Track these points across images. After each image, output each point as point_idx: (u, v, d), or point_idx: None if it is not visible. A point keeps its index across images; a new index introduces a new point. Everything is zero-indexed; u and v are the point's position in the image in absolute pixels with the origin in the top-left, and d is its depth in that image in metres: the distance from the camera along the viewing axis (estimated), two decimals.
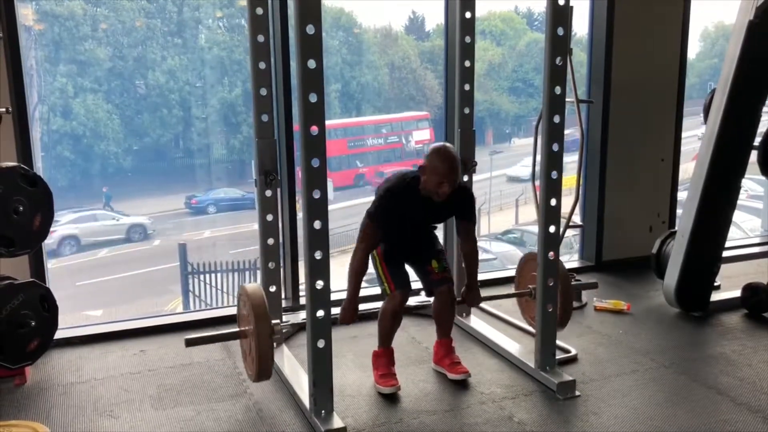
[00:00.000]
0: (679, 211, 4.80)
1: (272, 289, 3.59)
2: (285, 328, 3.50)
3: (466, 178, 3.69)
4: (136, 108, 13.14)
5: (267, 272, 3.58)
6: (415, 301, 4.12)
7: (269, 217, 3.52)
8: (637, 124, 4.97)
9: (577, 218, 4.60)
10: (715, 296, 4.25)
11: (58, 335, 3.35)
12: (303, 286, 2.90)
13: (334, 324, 2.85)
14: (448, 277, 3.30)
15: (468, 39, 3.67)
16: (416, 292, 4.18)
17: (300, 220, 3.37)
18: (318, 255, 2.64)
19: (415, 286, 3.35)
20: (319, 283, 2.67)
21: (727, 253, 4.54)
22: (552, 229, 3.12)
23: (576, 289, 4.00)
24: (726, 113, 3.90)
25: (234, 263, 10.15)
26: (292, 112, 3.99)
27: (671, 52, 5.00)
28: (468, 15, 3.65)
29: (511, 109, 17.73)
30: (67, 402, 3.09)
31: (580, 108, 4.20)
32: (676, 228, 4.31)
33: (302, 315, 3.82)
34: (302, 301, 3.91)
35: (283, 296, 3.95)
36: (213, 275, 10.11)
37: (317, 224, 2.61)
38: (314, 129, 2.53)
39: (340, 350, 3.49)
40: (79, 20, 12.15)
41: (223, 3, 13.36)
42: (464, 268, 3.37)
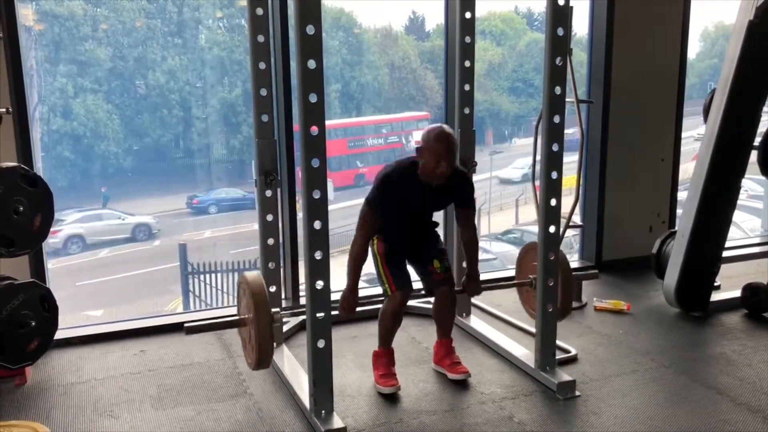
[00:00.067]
0: (679, 211, 4.80)
1: (272, 289, 3.59)
2: (285, 317, 3.48)
3: None
4: (136, 108, 13.13)
5: (267, 272, 3.58)
6: (415, 301, 4.12)
7: (269, 218, 3.52)
8: (637, 124, 4.97)
9: (577, 218, 4.60)
10: (715, 296, 4.26)
11: (58, 335, 3.35)
12: (303, 286, 2.90)
13: (334, 325, 2.85)
14: (450, 278, 3.30)
15: (468, 39, 3.68)
16: (417, 293, 4.20)
17: (300, 220, 3.37)
18: (318, 255, 2.65)
19: (416, 286, 3.34)
20: (319, 284, 2.68)
21: (727, 253, 4.54)
22: (552, 229, 3.12)
23: (577, 279, 3.96)
24: (726, 113, 3.90)
25: (234, 263, 10.15)
26: (292, 113, 4.00)
27: (671, 52, 5.00)
28: (468, 15, 3.66)
29: (511, 109, 17.73)
30: (67, 402, 3.10)
31: (580, 108, 4.21)
32: (676, 228, 4.31)
33: (302, 315, 3.82)
34: (302, 301, 3.90)
35: (283, 296, 3.96)
36: (213, 275, 10.10)
37: (317, 224, 2.62)
38: (314, 129, 2.54)
39: (340, 350, 3.49)
40: (80, 20, 12.15)
41: (223, 3, 13.35)
42: (464, 257, 3.36)
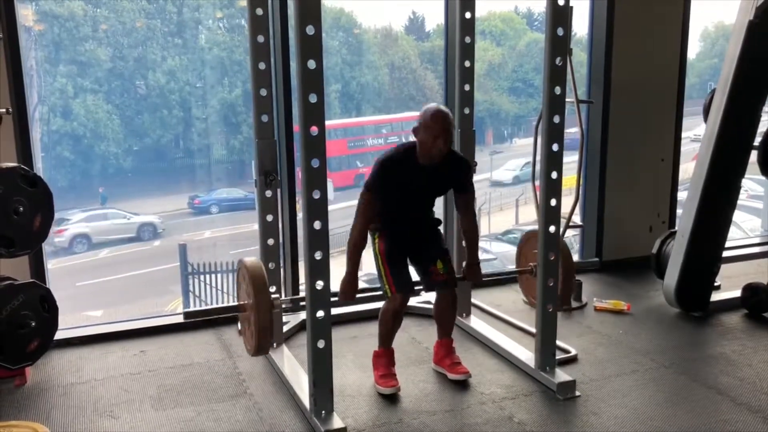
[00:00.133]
0: (679, 211, 4.80)
1: (272, 289, 3.59)
2: (284, 303, 3.48)
3: None
4: (136, 108, 13.14)
5: (267, 272, 3.57)
6: (416, 301, 4.13)
7: (269, 218, 3.52)
8: (637, 124, 4.97)
9: (577, 218, 4.60)
10: (715, 296, 4.25)
11: (58, 336, 3.36)
12: (303, 286, 2.90)
13: (334, 325, 2.85)
14: (453, 279, 3.28)
15: (468, 39, 3.67)
16: (417, 293, 4.20)
17: (300, 220, 3.37)
18: (318, 255, 2.64)
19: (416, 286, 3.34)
20: (319, 284, 2.68)
21: (727, 253, 4.54)
22: (552, 229, 3.12)
23: (577, 267, 3.95)
24: (726, 113, 3.90)
25: (234, 264, 10.14)
26: (292, 113, 3.99)
27: (671, 52, 5.00)
28: (468, 15, 3.66)
29: (511, 110, 17.74)
30: (67, 402, 3.10)
31: (580, 108, 4.21)
32: (676, 228, 4.30)
33: (302, 315, 3.82)
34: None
35: (283, 296, 3.95)
36: (213, 276, 10.10)
37: (317, 224, 2.61)
38: (314, 129, 2.54)
39: (340, 350, 3.48)
40: (80, 21, 12.16)
41: (223, 3, 13.36)
42: (464, 244, 3.34)
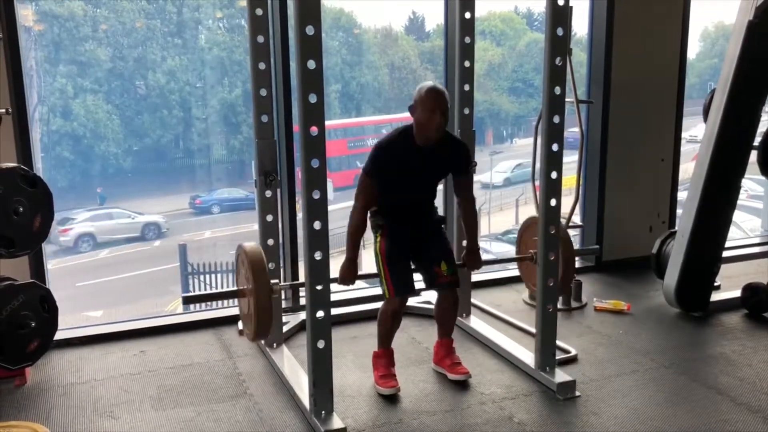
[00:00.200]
0: (679, 211, 4.80)
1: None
2: (284, 288, 3.48)
3: None
4: (136, 109, 13.13)
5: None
6: (416, 301, 4.13)
7: (269, 218, 3.52)
8: (637, 124, 4.97)
9: (577, 218, 4.60)
10: (715, 296, 4.25)
11: (58, 336, 3.36)
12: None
13: (334, 325, 2.85)
14: (456, 280, 3.26)
15: (468, 39, 3.67)
16: (416, 294, 4.19)
17: (300, 220, 3.37)
18: (318, 256, 2.64)
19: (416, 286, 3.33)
20: (319, 284, 2.67)
21: (727, 253, 4.54)
22: (552, 229, 3.12)
23: (578, 255, 3.94)
24: (726, 113, 3.90)
25: (234, 264, 10.13)
26: (291, 113, 3.99)
27: (671, 52, 5.00)
28: (468, 15, 3.66)
29: (511, 110, 17.72)
30: (67, 403, 3.10)
31: (580, 108, 4.21)
32: (676, 228, 4.31)
33: (302, 315, 3.82)
34: (302, 301, 3.90)
35: (283, 297, 3.96)
36: (213, 276, 10.10)
37: (317, 225, 2.61)
38: (314, 129, 2.54)
39: (340, 351, 3.48)
40: (80, 21, 12.15)
41: (223, 3, 13.35)
42: (464, 230, 3.33)
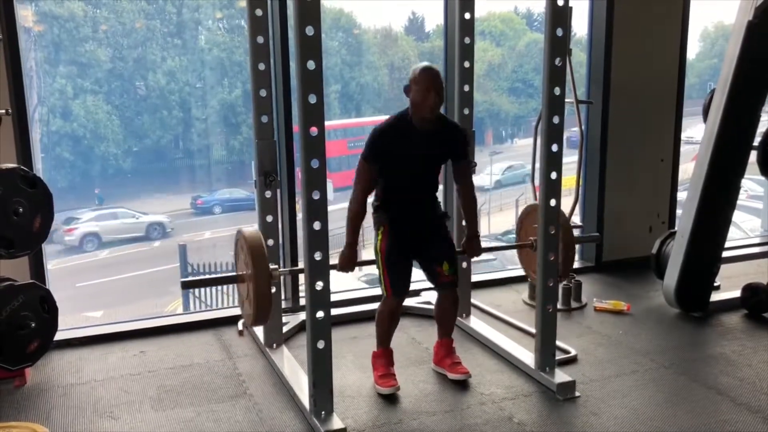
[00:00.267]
0: (679, 211, 4.80)
1: (272, 290, 3.58)
2: (283, 274, 3.50)
3: None
4: (136, 109, 13.13)
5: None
6: (415, 302, 4.13)
7: (269, 218, 3.52)
8: (637, 124, 4.97)
9: (576, 219, 4.61)
10: (715, 296, 4.25)
11: (58, 336, 3.36)
12: (303, 287, 2.90)
13: (334, 325, 2.85)
14: (457, 279, 3.27)
15: (467, 40, 3.68)
16: (417, 293, 4.20)
17: (300, 221, 3.37)
18: (318, 256, 2.64)
19: (413, 287, 3.33)
20: (319, 284, 2.67)
21: (727, 254, 4.54)
22: (552, 229, 3.12)
23: (578, 242, 3.93)
24: (725, 113, 3.90)
25: (234, 264, 10.12)
26: (291, 113, 4.00)
27: (671, 52, 5.00)
28: (467, 16, 3.66)
29: (510, 110, 17.72)
30: (67, 403, 3.10)
31: (580, 108, 4.21)
32: (676, 228, 4.31)
33: (302, 316, 3.82)
34: (302, 302, 3.91)
35: (283, 297, 3.96)
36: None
37: (317, 225, 2.62)
38: (314, 130, 2.54)
39: (340, 351, 3.48)
40: (80, 22, 12.15)
41: (223, 4, 13.35)
42: (463, 217, 3.32)
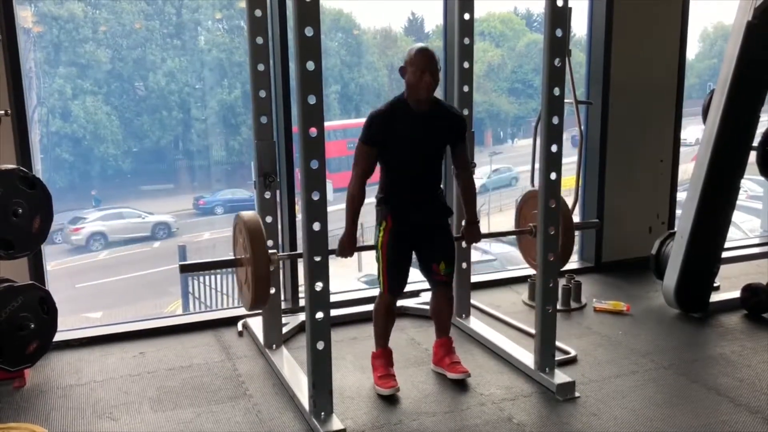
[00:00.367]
0: (679, 211, 4.80)
1: (272, 291, 3.58)
2: (282, 259, 3.50)
3: None
4: (135, 110, 13.12)
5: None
6: (414, 302, 4.13)
7: (268, 219, 3.52)
8: (636, 124, 4.97)
9: (576, 219, 4.60)
10: (715, 297, 4.25)
11: (57, 337, 3.37)
12: (302, 287, 2.89)
13: (333, 326, 2.85)
14: (451, 280, 3.28)
15: (467, 40, 3.68)
16: (417, 294, 4.21)
17: (299, 221, 3.36)
18: (317, 257, 2.64)
19: (408, 288, 3.32)
20: (319, 285, 2.67)
21: (727, 254, 4.54)
22: (552, 230, 3.12)
23: (577, 228, 3.94)
24: (725, 114, 3.90)
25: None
26: (291, 114, 4.00)
27: (670, 52, 5.01)
28: (467, 16, 3.66)
29: (510, 110, 17.72)
30: (66, 404, 3.09)
31: (579, 109, 4.21)
32: (676, 229, 4.31)
33: (301, 317, 3.82)
34: (302, 303, 3.90)
35: (282, 298, 3.95)
36: (212, 277, 10.08)
37: (316, 226, 2.61)
38: (313, 131, 2.54)
39: (340, 352, 3.48)
40: (79, 23, 12.15)
41: (223, 5, 13.35)
42: (462, 202, 3.32)
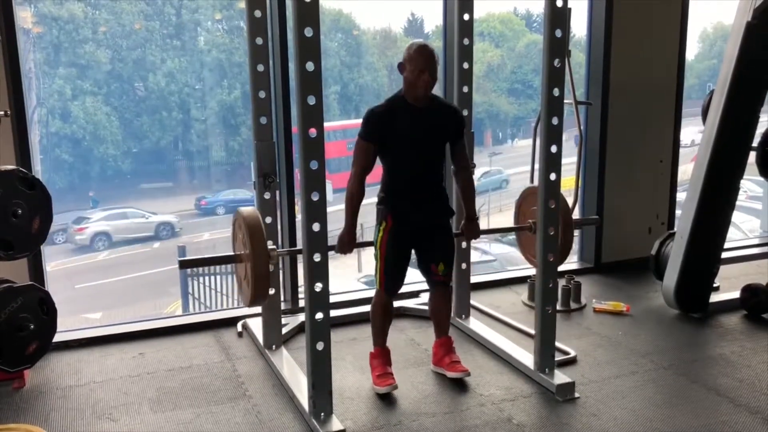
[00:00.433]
0: (678, 212, 4.80)
1: (271, 291, 3.59)
2: (281, 254, 3.50)
3: None
4: (135, 110, 13.12)
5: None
6: (413, 303, 4.13)
7: (268, 220, 3.51)
8: (636, 125, 4.97)
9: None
10: (715, 297, 4.25)
11: (57, 338, 3.36)
12: (302, 288, 2.89)
13: (333, 327, 2.85)
14: (449, 280, 3.29)
15: (466, 41, 3.68)
16: (416, 294, 4.21)
17: (299, 222, 3.36)
18: (317, 257, 2.64)
19: (407, 288, 3.31)
20: (318, 286, 2.67)
21: (727, 254, 4.54)
22: (551, 230, 3.12)
23: (577, 225, 3.93)
24: (724, 114, 3.90)
25: (234, 265, 10.09)
26: (290, 115, 4.00)
27: (670, 53, 5.01)
28: (466, 17, 3.66)
29: (510, 111, 17.72)
30: (65, 405, 3.09)
31: (579, 109, 4.21)
32: (675, 229, 4.31)
33: (301, 317, 3.82)
34: (301, 303, 3.90)
35: (282, 299, 3.95)
36: (212, 278, 10.08)
37: (316, 226, 2.61)
38: (313, 131, 2.54)
39: (339, 353, 3.48)
40: (79, 23, 12.15)
41: (222, 5, 13.35)
42: (461, 200, 3.31)
